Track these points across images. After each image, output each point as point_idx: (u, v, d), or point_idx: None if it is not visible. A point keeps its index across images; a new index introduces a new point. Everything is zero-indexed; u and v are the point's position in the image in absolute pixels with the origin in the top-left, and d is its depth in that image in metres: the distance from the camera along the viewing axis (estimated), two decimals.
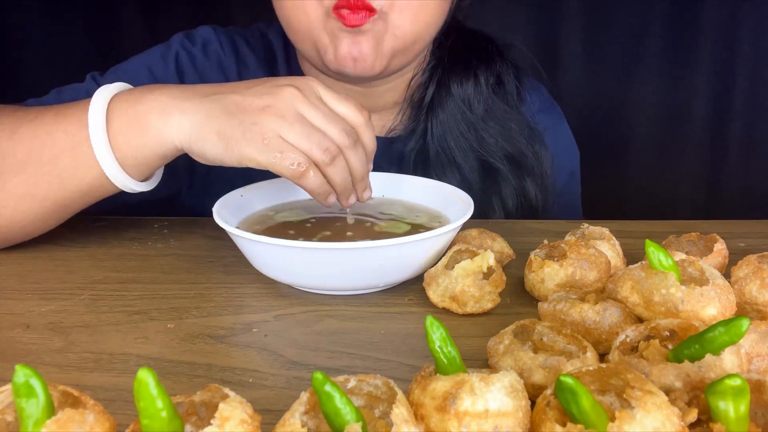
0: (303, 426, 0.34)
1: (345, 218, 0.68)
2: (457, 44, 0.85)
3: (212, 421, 0.33)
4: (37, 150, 0.63)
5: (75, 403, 0.36)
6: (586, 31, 1.42)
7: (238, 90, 0.61)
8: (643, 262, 0.50)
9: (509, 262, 0.66)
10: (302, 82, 0.61)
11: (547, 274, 0.56)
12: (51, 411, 0.33)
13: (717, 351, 0.39)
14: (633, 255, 0.64)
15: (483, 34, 0.89)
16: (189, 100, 0.61)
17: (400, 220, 0.67)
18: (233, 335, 0.53)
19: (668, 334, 0.44)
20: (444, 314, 0.56)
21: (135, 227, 0.77)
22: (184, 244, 0.72)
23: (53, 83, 0.80)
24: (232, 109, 0.59)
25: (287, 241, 0.54)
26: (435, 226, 0.65)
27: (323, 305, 0.58)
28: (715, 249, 0.60)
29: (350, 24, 0.71)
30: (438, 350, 0.38)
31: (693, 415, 0.36)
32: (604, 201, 1.44)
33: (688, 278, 0.50)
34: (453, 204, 0.67)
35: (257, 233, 0.57)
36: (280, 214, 0.69)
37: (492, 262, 0.56)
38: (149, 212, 0.85)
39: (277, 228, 0.65)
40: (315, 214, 0.69)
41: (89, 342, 0.52)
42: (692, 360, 0.39)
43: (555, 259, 0.58)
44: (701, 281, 0.49)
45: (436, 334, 0.38)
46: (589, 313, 0.48)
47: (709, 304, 0.46)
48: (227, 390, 0.36)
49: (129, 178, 0.63)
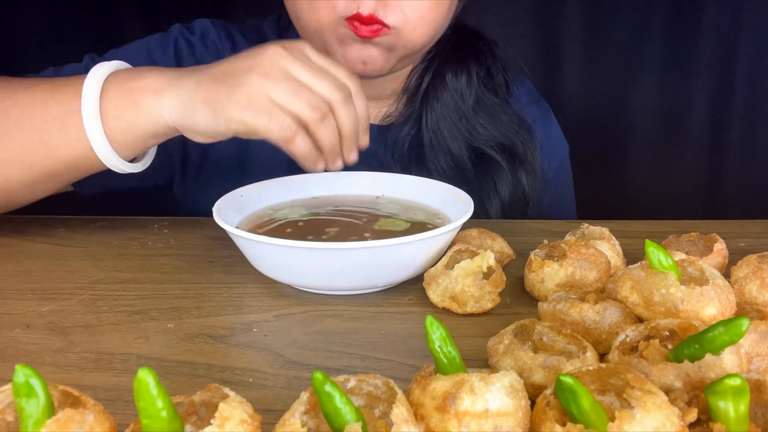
0: (303, 426, 0.34)
1: (345, 217, 0.68)
2: (453, 37, 0.87)
3: (212, 421, 0.33)
4: (29, 116, 0.63)
5: (75, 403, 0.36)
6: (586, 31, 1.42)
7: (229, 59, 0.62)
8: (643, 262, 0.50)
9: (509, 262, 0.66)
10: (290, 43, 0.61)
11: (547, 274, 0.56)
12: (51, 411, 0.33)
13: (717, 351, 0.39)
14: (633, 255, 0.64)
15: (472, 30, 0.90)
16: (183, 77, 0.62)
17: (398, 218, 0.67)
18: (233, 335, 0.53)
19: (668, 334, 0.44)
20: (444, 314, 0.56)
21: (135, 227, 0.77)
22: (184, 244, 0.72)
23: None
24: (219, 76, 0.60)
25: (287, 241, 0.54)
26: (434, 224, 0.65)
27: (323, 305, 0.58)
28: (715, 249, 0.60)
29: (362, 35, 0.72)
30: (438, 350, 0.38)
31: (693, 415, 0.36)
32: (604, 201, 1.44)
33: (688, 278, 0.50)
34: (453, 203, 0.67)
35: (257, 233, 0.57)
36: (280, 213, 0.69)
37: (492, 262, 0.56)
38: (147, 208, 0.85)
39: (277, 228, 0.65)
40: (315, 214, 0.69)
41: (89, 342, 0.52)
42: (692, 360, 0.39)
43: (555, 259, 0.58)
44: (701, 281, 0.49)
45: (436, 334, 0.38)
46: (589, 313, 0.48)
47: (709, 304, 0.46)
48: (227, 390, 0.36)
49: (115, 155, 0.63)
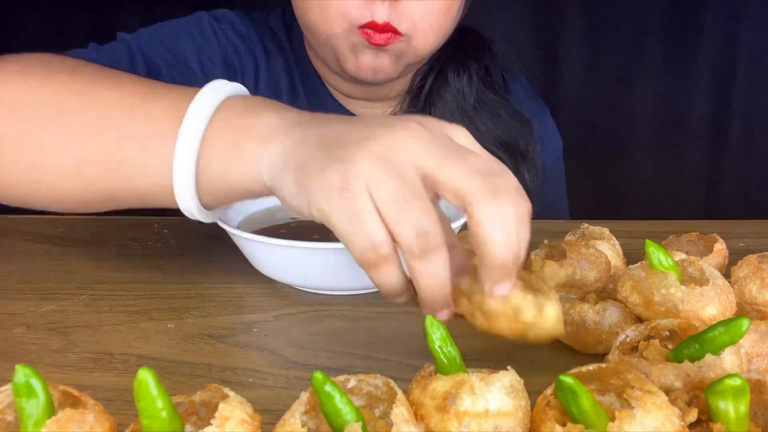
0: (303, 426, 0.34)
1: None
2: (455, 38, 0.87)
3: (212, 421, 0.33)
4: (107, 121, 0.51)
5: (75, 403, 0.36)
6: (586, 31, 1.42)
7: (358, 119, 0.49)
8: (643, 262, 0.50)
9: None
10: (436, 123, 0.44)
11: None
12: (51, 411, 0.33)
13: (717, 351, 0.39)
14: (633, 255, 0.64)
15: (469, 28, 0.90)
16: (294, 126, 0.46)
17: None
18: (233, 335, 0.53)
19: (668, 334, 0.44)
20: None
21: (135, 227, 0.77)
22: (184, 244, 0.72)
23: None
24: (328, 139, 0.43)
25: (287, 241, 0.54)
26: None
27: (323, 305, 0.58)
28: (715, 249, 0.60)
29: (375, 43, 0.72)
30: (438, 350, 0.38)
31: (693, 415, 0.36)
32: (604, 200, 1.45)
33: (688, 278, 0.50)
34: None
35: (257, 233, 0.57)
36: (280, 214, 0.69)
37: None
38: (149, 212, 0.85)
39: (277, 228, 0.65)
40: None
41: (89, 342, 0.52)
42: (692, 360, 0.39)
43: (555, 259, 0.58)
44: (701, 281, 0.49)
45: (436, 334, 0.38)
46: (589, 313, 0.48)
47: (709, 304, 0.46)
48: (227, 390, 0.36)
49: (195, 201, 0.50)
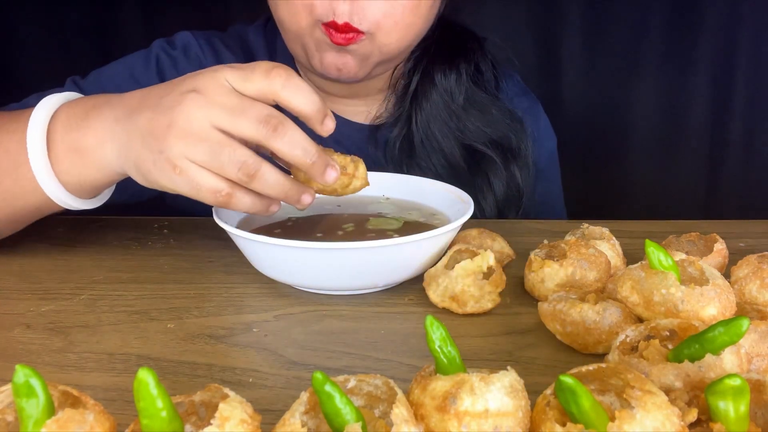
0: (303, 426, 0.34)
1: (346, 217, 0.68)
2: (442, 36, 0.87)
3: (212, 421, 0.33)
4: None
5: (75, 403, 0.36)
6: (586, 31, 1.42)
7: (151, 102, 0.55)
8: (643, 262, 0.50)
9: (509, 262, 0.66)
10: (207, 79, 0.53)
11: (547, 274, 0.56)
12: (51, 411, 0.33)
13: (717, 351, 0.39)
14: (633, 255, 0.64)
15: (462, 27, 0.90)
16: (120, 122, 0.56)
17: (389, 217, 0.67)
18: (233, 335, 0.53)
19: (668, 334, 0.44)
20: (444, 314, 0.56)
21: (135, 227, 0.77)
22: (184, 244, 0.72)
23: (52, 83, 0.80)
24: (144, 132, 0.54)
25: (287, 241, 0.54)
26: (431, 223, 0.65)
27: (323, 305, 0.58)
28: (715, 249, 0.60)
29: (336, 42, 0.72)
30: (438, 350, 0.38)
31: (693, 415, 0.36)
32: (604, 200, 1.45)
33: (688, 278, 0.50)
34: (453, 203, 0.67)
35: (257, 233, 0.57)
36: (280, 213, 0.69)
37: (492, 262, 0.56)
38: (147, 208, 0.85)
39: (277, 227, 0.65)
40: (315, 213, 0.69)
41: (89, 342, 0.52)
42: (692, 360, 0.39)
43: (555, 259, 0.58)
44: (701, 281, 0.49)
45: (436, 334, 0.38)
46: (589, 313, 0.48)
47: (709, 304, 0.46)
48: (227, 390, 0.36)
49: (76, 201, 0.61)
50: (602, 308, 0.48)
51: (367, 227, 0.65)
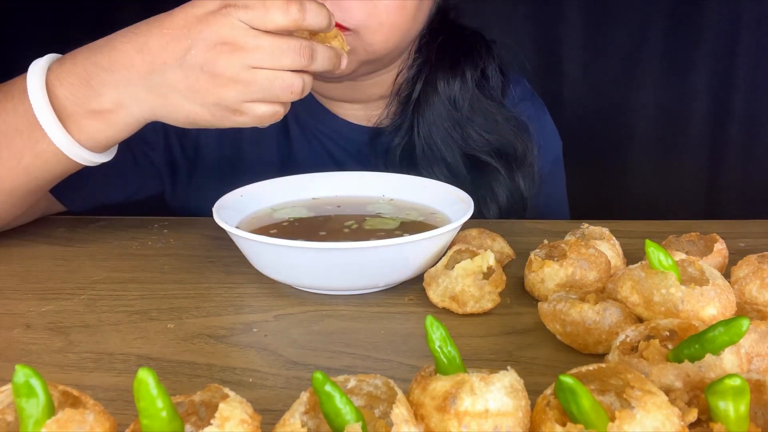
0: (303, 426, 0.34)
1: (344, 216, 0.68)
2: (446, 42, 0.86)
3: (212, 421, 0.33)
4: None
5: (75, 403, 0.36)
6: (586, 31, 1.42)
7: (167, 57, 0.58)
8: (643, 262, 0.50)
9: (509, 262, 0.66)
10: (225, 27, 0.56)
11: (547, 274, 0.56)
12: (51, 411, 0.33)
13: (717, 351, 0.39)
14: (633, 255, 0.64)
15: (471, 30, 0.89)
16: (137, 84, 0.59)
17: (386, 217, 0.67)
18: (233, 335, 0.53)
19: (668, 334, 0.44)
20: (444, 314, 0.56)
21: (135, 227, 0.77)
22: (184, 244, 0.72)
23: None
24: (184, 91, 0.58)
25: (287, 241, 0.54)
26: (431, 223, 0.65)
27: (323, 305, 0.58)
28: (715, 249, 0.60)
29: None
30: (438, 350, 0.38)
31: (693, 415, 0.36)
32: (604, 201, 1.45)
33: (688, 278, 0.50)
34: (452, 203, 0.67)
35: (257, 233, 0.57)
36: (280, 214, 0.69)
37: (492, 262, 0.56)
38: (147, 208, 0.85)
39: (277, 227, 0.65)
40: (315, 214, 0.69)
41: (89, 342, 0.52)
42: (692, 360, 0.39)
43: (555, 259, 0.58)
44: (701, 281, 0.49)
45: (436, 334, 0.38)
46: (589, 313, 0.48)
47: (709, 304, 0.46)
48: (227, 390, 0.36)
49: (96, 156, 0.64)
50: (602, 308, 0.48)
51: (364, 227, 0.65)
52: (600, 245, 0.60)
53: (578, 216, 0.92)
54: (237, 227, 0.60)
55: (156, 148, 0.86)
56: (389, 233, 0.63)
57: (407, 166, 0.83)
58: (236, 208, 0.67)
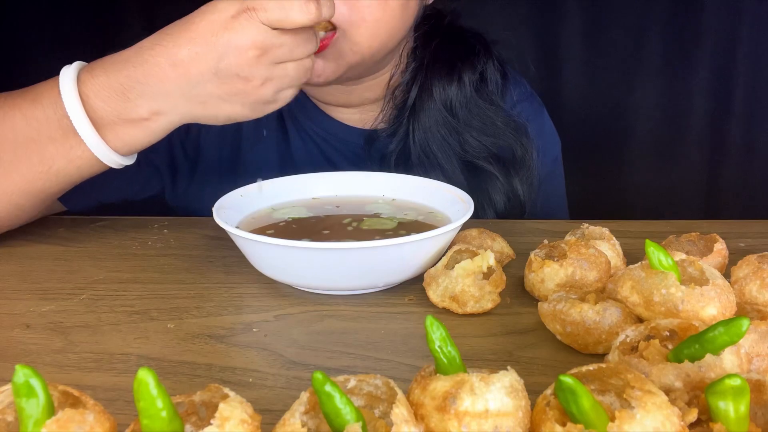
0: (303, 426, 0.34)
1: (343, 216, 0.68)
2: (441, 47, 0.85)
3: (212, 421, 0.33)
4: (23, 152, 0.64)
5: (75, 403, 0.36)
6: (586, 31, 1.42)
7: (201, 68, 0.60)
8: (643, 262, 0.50)
9: (509, 262, 0.66)
10: (251, 33, 0.60)
11: (547, 274, 0.56)
12: (51, 411, 0.33)
13: (717, 351, 0.39)
14: (633, 255, 0.64)
15: (471, 32, 0.88)
16: (173, 96, 0.62)
17: (384, 218, 0.67)
18: (233, 335, 0.53)
19: (668, 334, 0.44)
20: (444, 314, 0.56)
21: (135, 227, 0.77)
22: (184, 244, 0.72)
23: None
24: (223, 96, 0.62)
25: (287, 241, 0.54)
26: (430, 223, 0.65)
27: (323, 305, 0.58)
28: (715, 249, 0.60)
29: None
30: (438, 350, 0.38)
31: (693, 415, 0.36)
32: (604, 201, 1.45)
33: (688, 278, 0.50)
34: (452, 204, 0.67)
35: (257, 233, 0.57)
36: (280, 214, 0.69)
37: (492, 262, 0.56)
38: (147, 208, 0.85)
39: (277, 227, 0.65)
40: (315, 213, 0.69)
41: (89, 342, 0.52)
42: (692, 360, 0.39)
43: (555, 259, 0.58)
44: (701, 281, 0.49)
45: (436, 334, 0.38)
46: (589, 313, 0.48)
47: (709, 304, 0.46)
48: (227, 390, 0.36)
49: (124, 158, 0.66)
50: (602, 308, 0.48)
51: (362, 227, 0.65)
52: (600, 245, 0.60)
53: (578, 216, 0.92)
54: (237, 227, 0.60)
55: (157, 149, 0.86)
56: (386, 233, 0.63)
57: (403, 172, 0.83)
58: (236, 208, 0.67)
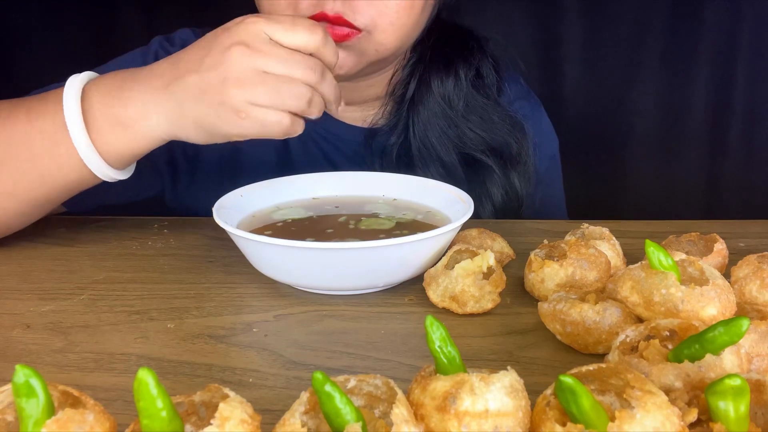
0: (303, 426, 0.34)
1: (343, 216, 0.68)
2: (439, 41, 0.86)
3: (212, 421, 0.33)
4: (14, 150, 0.63)
5: (75, 403, 0.36)
6: (586, 31, 1.42)
7: (191, 66, 0.60)
8: (643, 262, 0.50)
9: (509, 262, 0.66)
10: (246, 33, 0.58)
11: (547, 274, 0.56)
12: (51, 411, 0.33)
13: (717, 351, 0.39)
14: (633, 255, 0.64)
15: (464, 29, 0.89)
16: (161, 91, 0.60)
17: (382, 218, 0.67)
18: (233, 335, 0.53)
19: (668, 334, 0.44)
20: (444, 314, 0.56)
21: (135, 227, 0.77)
22: (184, 244, 0.72)
23: (52, 82, 0.79)
24: (197, 93, 0.59)
25: (287, 241, 0.54)
26: (430, 223, 0.65)
27: (323, 305, 0.58)
28: (715, 249, 0.60)
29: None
30: (438, 350, 0.38)
31: (693, 415, 0.36)
32: (604, 201, 1.45)
33: (688, 278, 0.50)
34: (453, 204, 0.67)
35: (257, 233, 0.57)
36: (280, 214, 0.69)
37: (492, 262, 0.56)
38: (147, 208, 0.85)
39: (277, 227, 0.65)
40: (315, 213, 0.69)
41: (89, 342, 0.52)
42: (692, 360, 0.39)
43: (555, 259, 0.58)
44: (701, 281, 0.49)
45: (436, 334, 0.38)
46: (589, 313, 0.48)
47: (709, 304, 0.46)
48: (227, 390, 0.36)
49: (114, 172, 0.64)
50: (602, 308, 0.48)
51: (359, 227, 0.65)
52: (600, 245, 0.60)
53: (578, 216, 0.92)
54: (237, 227, 0.60)
55: (157, 149, 0.86)
56: (385, 233, 0.63)
57: (403, 166, 0.84)
58: (236, 208, 0.67)
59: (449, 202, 0.68)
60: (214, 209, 0.62)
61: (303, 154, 0.88)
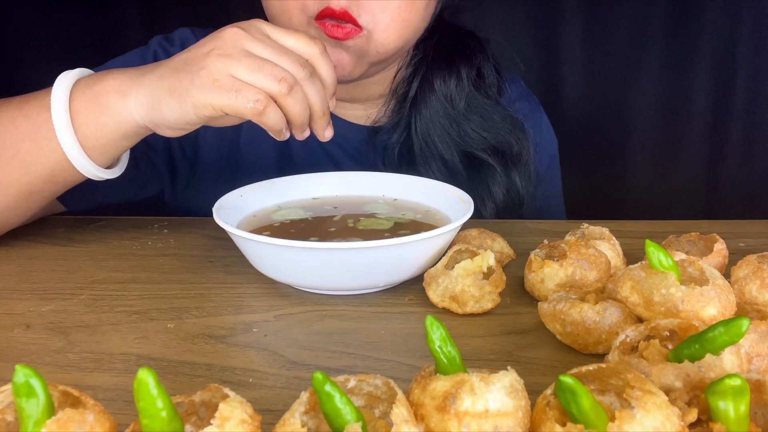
0: (303, 426, 0.34)
1: (343, 216, 0.68)
2: (442, 41, 0.86)
3: (212, 421, 0.33)
4: (0, 137, 0.63)
5: (75, 403, 0.36)
6: (586, 31, 1.42)
7: (189, 48, 0.61)
8: (643, 262, 0.50)
9: (509, 262, 0.66)
10: (246, 23, 0.60)
11: (547, 274, 0.56)
12: (51, 411, 0.33)
13: (717, 351, 0.39)
14: (633, 255, 0.64)
15: (464, 30, 0.90)
16: (145, 74, 0.61)
17: (381, 218, 0.67)
18: (233, 335, 0.53)
19: (668, 334, 0.44)
20: (444, 314, 0.56)
21: (135, 227, 0.77)
22: (184, 244, 0.72)
23: (52, 82, 0.79)
24: (180, 65, 0.59)
25: (287, 241, 0.54)
26: (429, 223, 0.65)
27: (323, 305, 0.58)
28: (715, 249, 0.60)
29: (332, 35, 0.72)
30: (438, 350, 0.38)
31: (693, 415, 0.36)
32: (604, 201, 1.45)
33: (688, 278, 0.50)
34: (453, 204, 0.67)
35: (257, 233, 0.57)
36: (280, 214, 0.69)
37: (492, 262, 0.56)
38: (147, 208, 0.85)
39: (277, 227, 0.65)
40: (315, 213, 0.69)
41: (89, 342, 0.52)
42: (692, 360, 0.39)
43: (555, 259, 0.58)
44: (701, 281, 0.49)
45: (436, 334, 0.38)
46: (589, 313, 0.48)
47: (709, 304, 0.46)
48: (227, 390, 0.36)
49: (90, 162, 0.63)
50: (602, 308, 0.48)
51: (358, 227, 0.65)
52: (600, 245, 0.60)
53: (578, 216, 0.92)
54: (237, 227, 0.60)
55: (156, 149, 0.86)
56: (384, 233, 0.63)
57: (405, 164, 0.84)
58: (236, 208, 0.67)
59: (449, 203, 0.68)
60: (214, 209, 0.62)
61: (305, 152, 0.88)
